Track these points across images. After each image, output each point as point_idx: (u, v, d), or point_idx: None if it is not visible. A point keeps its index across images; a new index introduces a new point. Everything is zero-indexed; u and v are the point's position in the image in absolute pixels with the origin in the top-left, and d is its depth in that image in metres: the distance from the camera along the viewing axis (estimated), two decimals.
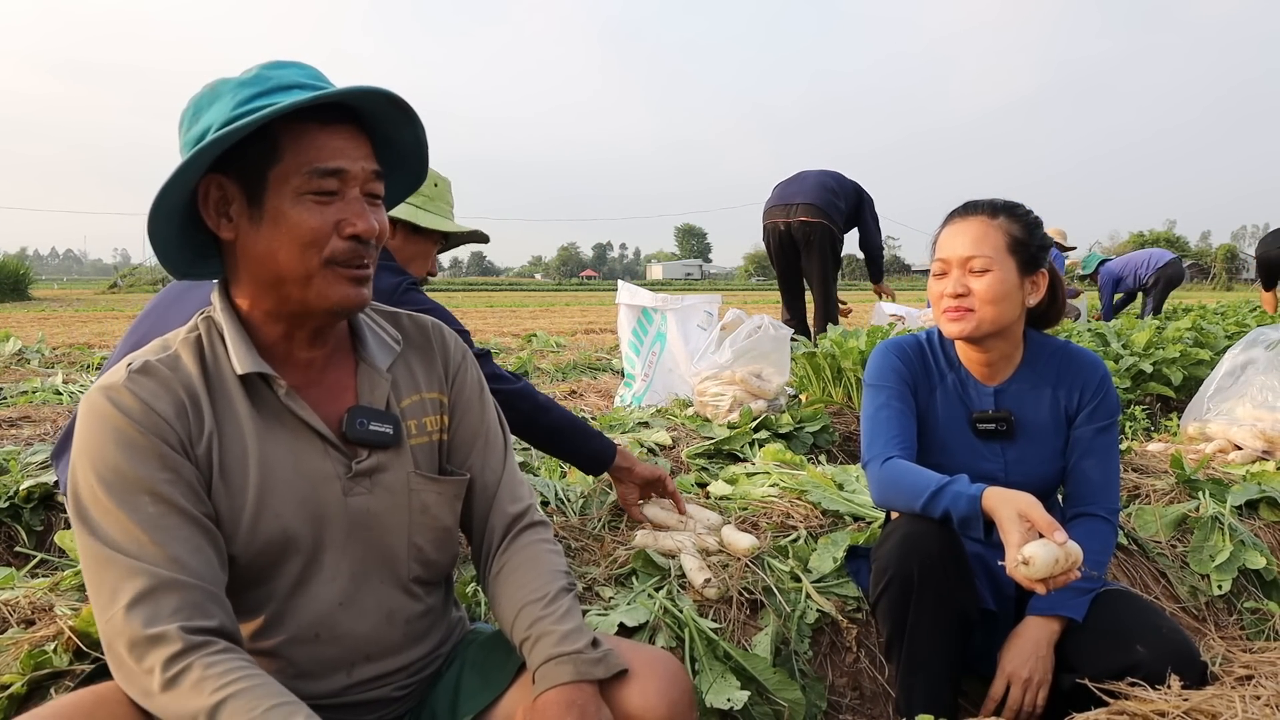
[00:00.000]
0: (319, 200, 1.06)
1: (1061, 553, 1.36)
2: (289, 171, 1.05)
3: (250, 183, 1.06)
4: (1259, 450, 3.08)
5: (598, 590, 1.90)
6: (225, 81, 1.08)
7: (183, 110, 1.10)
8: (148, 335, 1.66)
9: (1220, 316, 7.90)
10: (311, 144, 1.06)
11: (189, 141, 1.07)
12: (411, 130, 1.17)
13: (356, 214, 1.08)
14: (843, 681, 1.88)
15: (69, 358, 6.76)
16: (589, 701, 1.08)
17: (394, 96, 1.09)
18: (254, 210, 1.06)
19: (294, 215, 1.05)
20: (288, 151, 1.05)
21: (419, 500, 1.22)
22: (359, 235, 1.08)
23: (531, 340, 9.32)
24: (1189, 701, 1.38)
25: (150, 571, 0.98)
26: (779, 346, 3.62)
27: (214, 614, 1.01)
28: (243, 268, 1.10)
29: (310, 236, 1.06)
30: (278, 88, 1.06)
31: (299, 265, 1.07)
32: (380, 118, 1.13)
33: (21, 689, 1.36)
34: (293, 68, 1.10)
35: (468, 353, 1.34)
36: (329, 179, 1.07)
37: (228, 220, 1.08)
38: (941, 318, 1.74)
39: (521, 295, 38.22)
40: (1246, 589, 2.32)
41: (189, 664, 0.95)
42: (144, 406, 1.03)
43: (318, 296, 1.09)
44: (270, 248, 1.07)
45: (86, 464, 1.01)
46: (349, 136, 1.09)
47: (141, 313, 1.89)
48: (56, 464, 1.91)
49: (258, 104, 1.04)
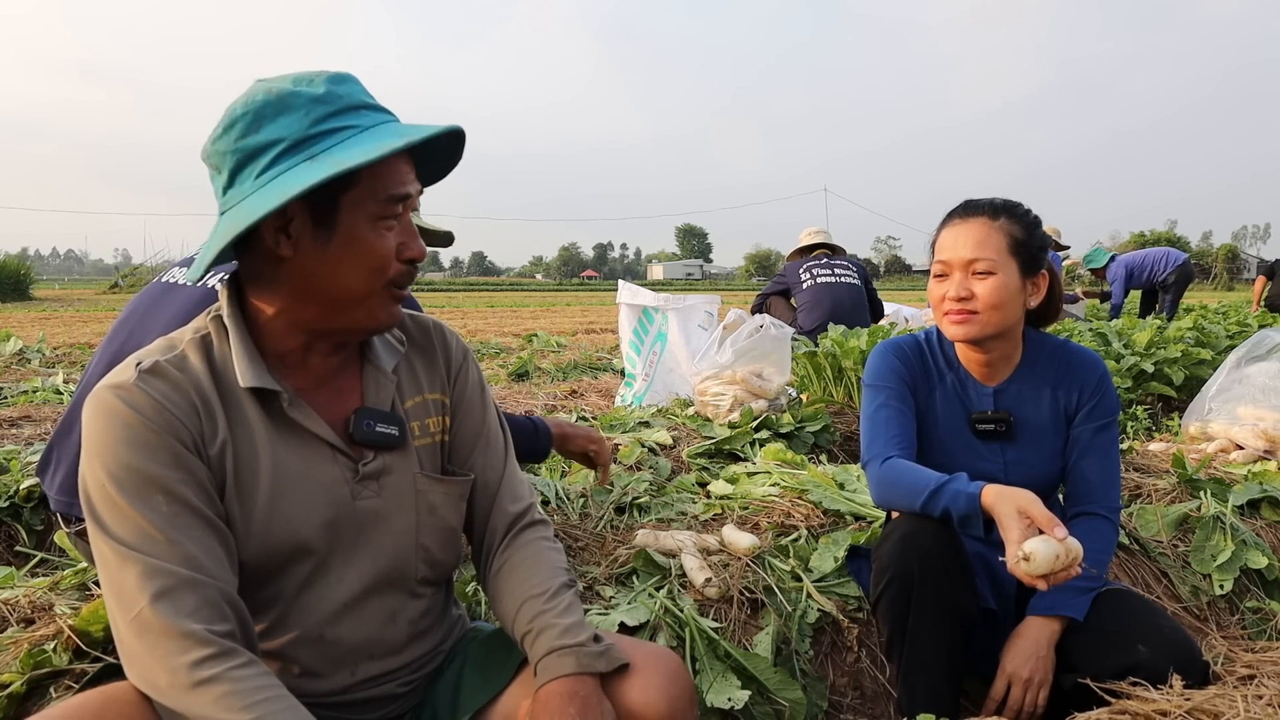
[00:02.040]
0: (388, 225, 1.09)
1: (1062, 548, 1.36)
2: (365, 196, 1.06)
3: (320, 205, 1.05)
4: (1261, 450, 3.08)
5: (598, 589, 1.90)
6: (294, 94, 1.05)
7: (232, 111, 1.05)
8: (128, 343, 1.64)
9: (1222, 316, 7.90)
10: (386, 171, 1.07)
11: (246, 149, 1.04)
12: (451, 154, 1.20)
13: (413, 237, 1.12)
14: (844, 681, 1.88)
15: (69, 357, 6.76)
16: (591, 694, 1.08)
17: (462, 133, 1.15)
18: (320, 231, 1.06)
19: (369, 239, 1.07)
20: (365, 178, 1.06)
21: (426, 501, 1.22)
22: (415, 259, 1.12)
23: (532, 340, 9.31)
24: (1191, 701, 1.38)
25: (168, 570, 0.98)
26: (780, 346, 3.61)
27: (230, 616, 1.01)
28: (288, 281, 1.09)
29: (381, 262, 1.09)
30: (348, 107, 1.07)
31: (363, 287, 1.09)
32: (432, 143, 1.14)
33: (21, 688, 1.36)
34: (353, 83, 1.11)
35: (468, 353, 1.35)
36: (398, 205, 1.09)
37: (286, 237, 1.06)
38: (943, 320, 1.73)
39: (522, 295, 38.22)
40: (1248, 589, 2.32)
41: (219, 673, 0.95)
42: (156, 405, 1.03)
43: (368, 316, 1.12)
44: (335, 269, 1.07)
45: (98, 464, 1.00)
46: (409, 161, 1.12)
47: (118, 321, 1.81)
48: (43, 477, 1.76)
49: (333, 124, 1.05)
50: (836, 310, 5.68)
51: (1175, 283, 9.17)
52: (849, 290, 5.78)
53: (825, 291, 5.76)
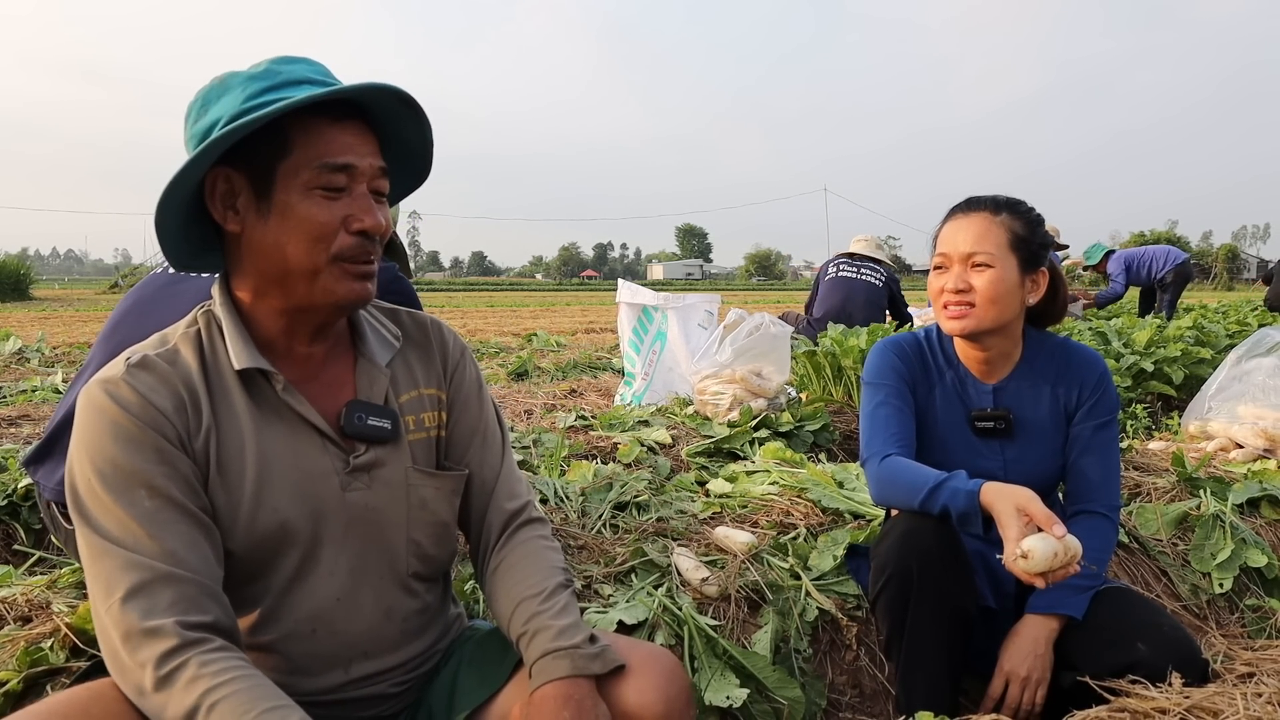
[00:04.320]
0: (327, 195, 1.07)
1: (1060, 546, 1.36)
2: (298, 165, 1.06)
3: (258, 176, 1.06)
4: (1260, 449, 3.08)
5: (596, 588, 1.89)
6: (234, 75, 1.08)
7: (190, 103, 1.10)
8: (127, 338, 1.63)
9: (1222, 316, 7.90)
10: (321, 139, 1.06)
11: (197, 134, 1.07)
12: (418, 128, 1.17)
13: (364, 210, 1.09)
14: (842, 679, 1.88)
15: (69, 357, 6.76)
16: (586, 696, 1.08)
17: (404, 94, 1.10)
18: (261, 203, 1.07)
19: (302, 209, 1.06)
20: (297, 146, 1.05)
21: (417, 495, 1.21)
22: (366, 231, 1.09)
23: (532, 340, 9.31)
24: (1190, 699, 1.37)
25: (146, 565, 0.98)
26: (779, 345, 3.61)
27: (210, 609, 1.00)
28: (247, 261, 1.10)
29: (319, 231, 1.06)
30: (287, 82, 1.07)
31: (306, 260, 1.07)
32: (388, 115, 1.14)
33: (18, 686, 1.36)
34: (302, 63, 1.11)
35: (466, 350, 1.34)
36: (338, 174, 1.07)
37: (234, 213, 1.08)
38: (941, 314, 1.73)
39: (522, 295, 38.21)
40: (1248, 587, 2.32)
41: (183, 661, 0.94)
42: (142, 400, 1.03)
43: (323, 292, 1.09)
44: (277, 241, 1.07)
45: (84, 457, 1.01)
46: (358, 133, 1.10)
47: (116, 315, 1.81)
48: (34, 471, 1.77)
49: (268, 98, 1.04)
50: (848, 303, 5.75)
51: (1173, 282, 9.12)
52: (865, 287, 5.84)
53: (841, 285, 5.90)
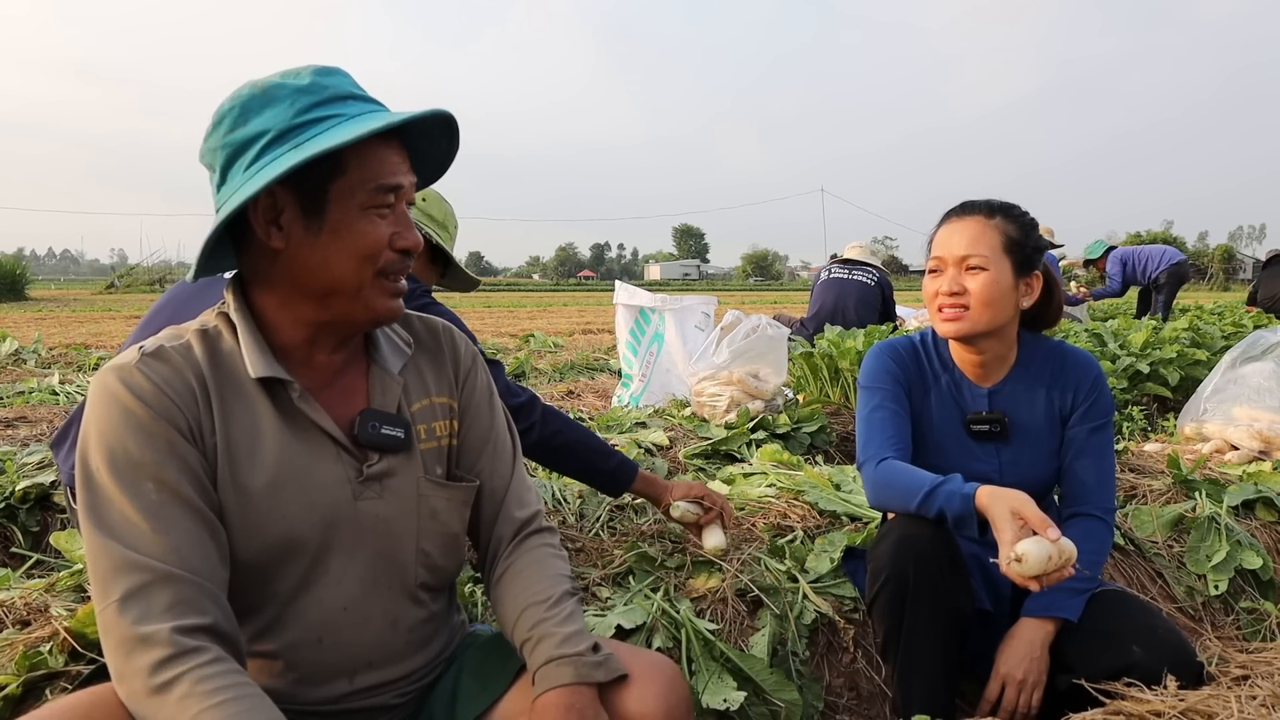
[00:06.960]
0: (380, 214, 1.09)
1: (1054, 549, 1.36)
2: (353, 186, 1.06)
3: (309, 195, 1.05)
4: (1256, 450, 3.09)
5: (594, 590, 1.90)
6: (279, 86, 1.06)
7: (220, 108, 1.07)
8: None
9: (1217, 317, 7.91)
10: (374, 159, 1.07)
11: (234, 142, 1.05)
12: (448, 147, 1.20)
13: (407, 227, 1.12)
14: (839, 682, 1.88)
15: (65, 358, 6.74)
16: (588, 705, 1.08)
17: (452, 120, 1.14)
18: (311, 221, 1.06)
19: (359, 228, 1.07)
20: (353, 166, 1.06)
21: (428, 506, 1.21)
22: (408, 249, 1.12)
23: (529, 340, 9.31)
24: (1185, 701, 1.38)
25: (145, 565, 0.96)
26: (776, 347, 3.62)
27: (209, 610, 0.99)
28: (284, 274, 1.09)
29: (371, 249, 1.08)
30: (334, 97, 1.07)
31: (354, 277, 1.09)
32: (423, 134, 1.15)
33: (17, 690, 1.36)
34: (340, 75, 1.11)
35: (477, 356, 1.34)
36: (389, 194, 1.09)
37: (278, 229, 1.07)
38: (936, 316, 1.74)
39: (519, 295, 38.18)
40: (1243, 589, 2.32)
41: (179, 674, 0.93)
42: (156, 389, 1.02)
43: (364, 308, 1.11)
44: (325, 258, 1.07)
45: (94, 444, 1.00)
46: (400, 152, 1.12)
47: (152, 309, 1.85)
48: (56, 453, 1.88)
49: (318, 113, 1.05)
50: (840, 303, 5.77)
51: (1167, 282, 9.08)
52: (858, 287, 5.87)
53: (833, 285, 5.95)
